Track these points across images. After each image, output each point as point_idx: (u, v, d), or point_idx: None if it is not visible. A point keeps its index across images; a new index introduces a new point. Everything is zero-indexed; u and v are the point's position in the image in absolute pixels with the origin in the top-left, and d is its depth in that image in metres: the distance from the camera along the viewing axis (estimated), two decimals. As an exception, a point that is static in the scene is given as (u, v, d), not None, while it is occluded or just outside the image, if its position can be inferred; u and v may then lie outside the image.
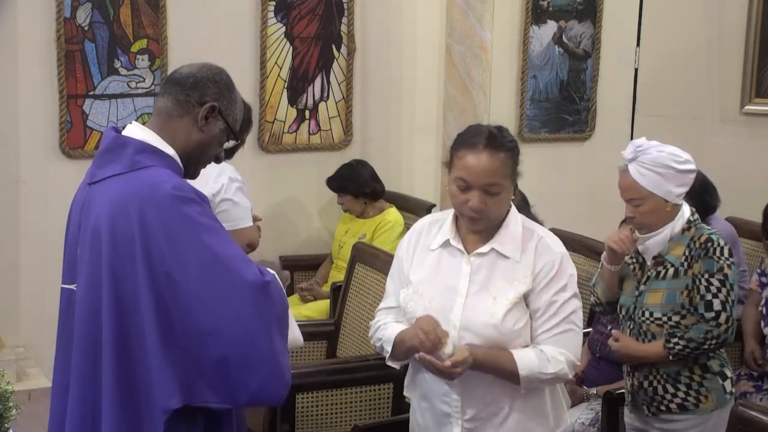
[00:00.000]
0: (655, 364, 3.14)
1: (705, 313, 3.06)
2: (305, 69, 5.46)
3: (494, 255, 2.65)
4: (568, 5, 6.04)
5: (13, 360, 4.63)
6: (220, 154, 2.54)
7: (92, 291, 2.35)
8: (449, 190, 2.65)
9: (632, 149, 3.12)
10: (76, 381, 2.39)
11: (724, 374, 3.15)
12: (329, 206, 5.57)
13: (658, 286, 3.15)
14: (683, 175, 3.11)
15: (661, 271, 3.15)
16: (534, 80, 6.02)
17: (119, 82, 5.05)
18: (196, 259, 2.28)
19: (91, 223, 2.38)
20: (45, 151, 4.96)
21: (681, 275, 3.11)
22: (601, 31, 6.15)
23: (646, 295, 3.17)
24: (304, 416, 3.34)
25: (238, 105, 2.52)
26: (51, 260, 4.60)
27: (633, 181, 3.10)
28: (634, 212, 3.14)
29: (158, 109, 2.47)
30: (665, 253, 3.14)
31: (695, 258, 3.10)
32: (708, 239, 3.10)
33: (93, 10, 4.95)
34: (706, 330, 3.04)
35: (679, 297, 3.11)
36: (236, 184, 4.01)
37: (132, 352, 2.31)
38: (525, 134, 6.01)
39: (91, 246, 2.37)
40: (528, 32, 5.94)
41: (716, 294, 3.07)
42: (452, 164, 2.65)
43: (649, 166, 3.09)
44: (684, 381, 3.12)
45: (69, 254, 2.49)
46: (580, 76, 6.13)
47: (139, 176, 2.35)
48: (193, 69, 2.49)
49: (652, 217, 3.13)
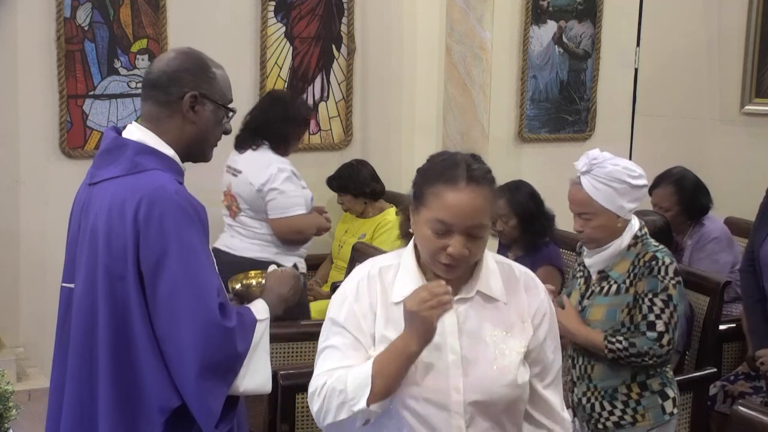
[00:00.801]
0: (593, 380, 3.09)
1: (648, 332, 2.99)
2: (305, 69, 5.46)
3: (480, 299, 2.27)
4: (568, 5, 6.03)
5: (13, 360, 4.63)
6: (226, 128, 2.52)
7: (89, 290, 2.36)
8: (420, 233, 2.22)
9: (586, 161, 3.03)
10: (71, 380, 2.40)
11: (665, 394, 3.07)
12: (329, 206, 5.55)
13: (600, 302, 3.08)
14: (636, 190, 3.03)
15: (604, 286, 3.08)
16: (534, 80, 6.01)
17: (119, 82, 5.05)
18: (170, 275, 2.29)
19: (90, 224, 2.38)
20: (45, 151, 4.96)
21: (623, 292, 3.04)
22: (601, 31, 6.15)
23: (588, 311, 3.11)
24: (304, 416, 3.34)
25: (218, 80, 2.47)
26: (51, 260, 4.60)
27: (586, 194, 3.02)
28: (584, 226, 3.05)
29: (144, 115, 2.47)
30: (609, 269, 3.07)
31: (638, 276, 3.02)
32: (653, 257, 3.02)
33: (93, 10, 4.95)
34: (650, 346, 2.98)
35: (619, 315, 3.04)
36: (284, 174, 4.23)
37: (128, 352, 2.32)
38: (525, 134, 6.01)
39: (89, 246, 2.38)
40: (528, 32, 5.94)
41: (659, 315, 2.99)
42: (423, 202, 2.21)
43: (603, 180, 3.01)
44: (621, 398, 3.06)
45: (69, 253, 2.50)
46: (580, 76, 6.13)
47: (138, 179, 2.35)
48: (162, 65, 2.45)
49: (603, 233, 3.05)
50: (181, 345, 2.28)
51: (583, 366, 3.15)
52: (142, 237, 2.29)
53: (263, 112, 4.45)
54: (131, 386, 2.32)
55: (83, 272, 2.39)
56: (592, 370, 3.12)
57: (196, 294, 2.29)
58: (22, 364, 4.76)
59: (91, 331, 2.36)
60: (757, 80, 6.13)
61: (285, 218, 4.28)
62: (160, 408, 2.30)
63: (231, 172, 4.44)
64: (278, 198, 4.29)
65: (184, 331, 2.28)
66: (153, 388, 2.31)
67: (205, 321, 2.28)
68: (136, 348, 2.31)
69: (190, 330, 2.27)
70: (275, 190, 4.27)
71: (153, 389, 2.31)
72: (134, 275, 2.30)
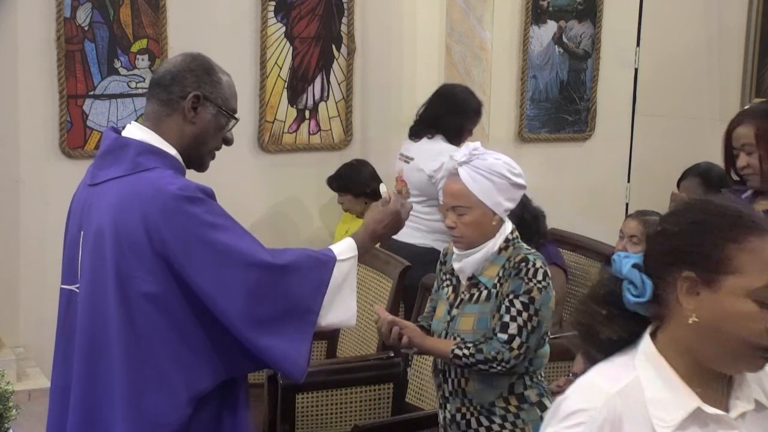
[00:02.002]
0: (467, 395, 2.89)
1: (499, 333, 2.80)
2: (305, 69, 5.46)
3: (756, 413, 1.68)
4: (568, 5, 6.03)
5: (13, 360, 4.63)
6: (227, 137, 2.52)
7: (96, 292, 2.36)
8: (724, 311, 1.58)
9: (467, 152, 2.88)
10: (78, 381, 2.39)
11: (543, 405, 2.88)
12: (329, 206, 5.56)
13: (470, 310, 2.89)
14: (515, 190, 2.90)
15: (474, 293, 2.90)
16: (534, 80, 6.01)
17: (119, 82, 5.05)
18: (205, 256, 2.30)
19: (94, 226, 2.38)
20: (45, 151, 4.96)
21: (493, 297, 2.86)
22: (601, 31, 6.14)
23: (458, 320, 2.91)
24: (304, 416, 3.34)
25: (222, 84, 2.47)
26: (51, 260, 4.60)
27: (463, 186, 2.85)
28: (456, 222, 2.87)
29: (147, 114, 2.47)
30: (479, 274, 2.90)
31: (506, 278, 2.85)
32: (523, 259, 2.85)
33: (93, 10, 4.95)
34: (498, 350, 2.79)
35: (490, 322, 2.86)
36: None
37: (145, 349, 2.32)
38: (525, 134, 6.00)
39: (93, 248, 2.37)
40: (528, 32, 5.94)
41: (515, 317, 2.80)
42: (727, 268, 1.59)
43: (483, 172, 2.84)
44: (499, 413, 2.87)
45: (68, 254, 2.49)
46: (580, 76, 6.13)
47: (141, 178, 2.35)
48: (169, 66, 2.47)
49: (476, 231, 2.87)
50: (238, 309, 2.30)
51: (455, 380, 2.93)
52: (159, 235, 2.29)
53: (432, 106, 4.78)
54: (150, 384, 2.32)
55: (87, 274, 2.38)
56: (465, 383, 2.91)
57: (237, 255, 2.30)
58: (22, 364, 4.76)
59: (99, 331, 2.35)
60: (757, 80, 6.13)
61: None
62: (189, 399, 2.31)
63: (403, 159, 4.77)
64: None
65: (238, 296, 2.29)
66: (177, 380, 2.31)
67: (249, 263, 2.31)
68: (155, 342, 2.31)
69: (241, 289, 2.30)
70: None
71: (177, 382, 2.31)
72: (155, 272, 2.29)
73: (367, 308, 4.01)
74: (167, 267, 2.29)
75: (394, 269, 3.88)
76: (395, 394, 3.57)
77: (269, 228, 5.45)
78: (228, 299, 2.30)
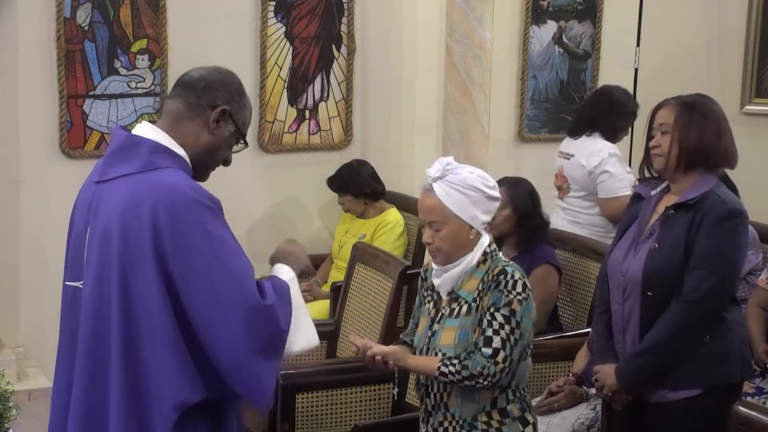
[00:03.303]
0: (449, 409, 2.86)
1: (483, 348, 2.77)
2: (305, 69, 5.46)
3: None
4: (568, 5, 6.04)
5: (13, 360, 4.63)
6: (229, 157, 2.56)
7: (100, 289, 2.36)
8: None
9: (440, 167, 2.86)
10: (80, 378, 2.39)
11: (525, 419, 2.87)
12: (329, 206, 5.56)
13: (451, 325, 2.86)
14: (491, 202, 2.88)
15: (455, 308, 2.87)
16: (534, 80, 6.02)
17: (119, 82, 5.05)
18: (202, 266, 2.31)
19: (101, 223, 2.38)
20: (45, 151, 4.96)
21: (473, 311, 2.83)
22: (601, 31, 6.15)
23: (438, 335, 2.88)
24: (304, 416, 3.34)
25: (247, 109, 2.55)
26: (51, 260, 4.60)
27: (437, 201, 2.83)
28: (433, 237, 2.85)
29: (168, 111, 2.48)
30: (458, 288, 2.87)
31: (485, 291, 2.83)
32: (501, 271, 2.83)
33: (93, 10, 4.95)
34: (484, 365, 2.77)
35: (471, 336, 2.83)
36: (615, 158, 4.73)
37: (142, 349, 2.32)
38: (525, 134, 6.01)
39: (100, 245, 2.37)
40: (528, 32, 5.94)
41: (497, 330, 2.77)
42: None
43: (457, 187, 2.83)
44: (481, 427, 2.84)
45: (73, 251, 2.49)
46: (580, 76, 6.13)
47: (153, 177, 2.36)
48: (204, 72, 2.50)
49: (452, 245, 2.84)
50: (227, 335, 2.31)
51: (438, 393, 2.90)
52: (164, 235, 2.29)
53: (590, 105, 5.03)
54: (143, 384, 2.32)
55: (93, 270, 2.38)
56: (448, 397, 2.88)
57: (233, 282, 2.32)
58: (22, 364, 4.76)
59: (101, 328, 2.35)
60: (757, 80, 6.14)
61: (614, 198, 4.69)
62: (174, 405, 2.31)
63: (563, 156, 4.91)
64: (608, 180, 4.71)
65: (229, 321, 2.31)
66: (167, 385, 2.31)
67: (246, 307, 2.33)
68: (150, 345, 2.31)
69: (234, 318, 2.31)
70: (606, 173, 4.71)
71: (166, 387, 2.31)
72: (153, 272, 2.30)
73: (368, 308, 4.01)
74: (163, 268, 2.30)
75: (394, 269, 3.87)
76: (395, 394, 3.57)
77: (269, 228, 5.45)
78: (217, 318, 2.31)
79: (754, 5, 6.12)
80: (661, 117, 3.24)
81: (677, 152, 3.10)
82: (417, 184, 5.68)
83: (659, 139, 3.17)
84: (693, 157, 3.10)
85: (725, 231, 3.05)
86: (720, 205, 3.06)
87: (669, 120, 3.19)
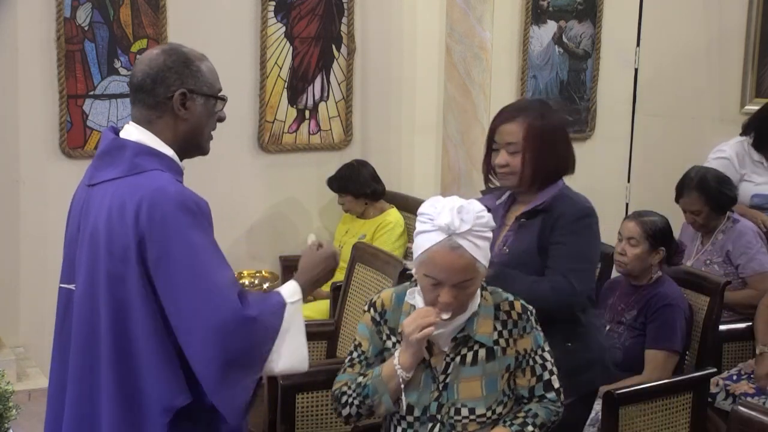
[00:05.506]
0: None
1: (546, 394, 2.65)
2: (305, 69, 5.46)
3: None
4: (568, 5, 6.04)
5: (13, 360, 4.63)
6: (220, 116, 2.51)
7: (90, 292, 2.36)
8: None
9: (457, 218, 2.48)
10: (73, 381, 2.40)
11: None
12: (329, 206, 5.56)
13: (471, 374, 2.60)
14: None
15: (466, 354, 2.61)
16: (534, 80, 6.02)
17: (119, 82, 5.05)
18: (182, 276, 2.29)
19: (90, 225, 2.38)
20: (45, 151, 4.96)
21: (499, 355, 2.62)
22: (601, 31, 6.15)
23: (455, 388, 2.61)
24: (304, 416, 3.34)
25: (204, 72, 2.45)
26: (51, 260, 4.59)
27: (470, 257, 2.49)
28: (458, 296, 2.52)
29: (135, 118, 2.47)
30: (475, 334, 2.60)
31: (520, 333, 2.63)
32: (522, 308, 2.66)
33: (93, 10, 4.95)
34: (555, 411, 2.66)
35: (500, 383, 2.62)
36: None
37: (130, 353, 2.32)
38: (525, 134, 6.01)
39: (89, 247, 2.38)
40: (528, 32, 5.94)
41: (552, 371, 2.67)
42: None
43: (480, 233, 2.52)
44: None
45: (68, 254, 2.50)
46: (580, 76, 6.13)
47: (138, 180, 2.35)
48: (144, 66, 2.45)
49: (471, 297, 2.59)
50: (201, 344, 2.29)
51: None
52: (146, 239, 2.29)
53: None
54: (133, 387, 2.33)
55: (83, 273, 2.39)
56: None
57: (210, 291, 2.29)
58: (22, 364, 4.76)
59: (92, 332, 2.36)
60: (757, 80, 6.13)
61: None
62: (164, 408, 2.31)
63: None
64: None
65: (203, 330, 2.28)
66: (155, 388, 2.31)
67: (222, 317, 2.28)
68: (138, 349, 2.31)
69: (208, 328, 2.28)
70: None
71: (155, 390, 2.31)
72: (136, 277, 2.30)
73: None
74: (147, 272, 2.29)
75: (393, 269, 3.87)
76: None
77: (269, 228, 5.45)
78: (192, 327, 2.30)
79: (754, 5, 6.12)
80: (508, 134, 3.01)
81: (531, 172, 2.99)
82: (417, 184, 5.73)
83: (507, 158, 3.00)
84: (549, 174, 3.03)
85: (581, 229, 3.02)
86: (572, 205, 3.02)
87: (516, 139, 3.00)
